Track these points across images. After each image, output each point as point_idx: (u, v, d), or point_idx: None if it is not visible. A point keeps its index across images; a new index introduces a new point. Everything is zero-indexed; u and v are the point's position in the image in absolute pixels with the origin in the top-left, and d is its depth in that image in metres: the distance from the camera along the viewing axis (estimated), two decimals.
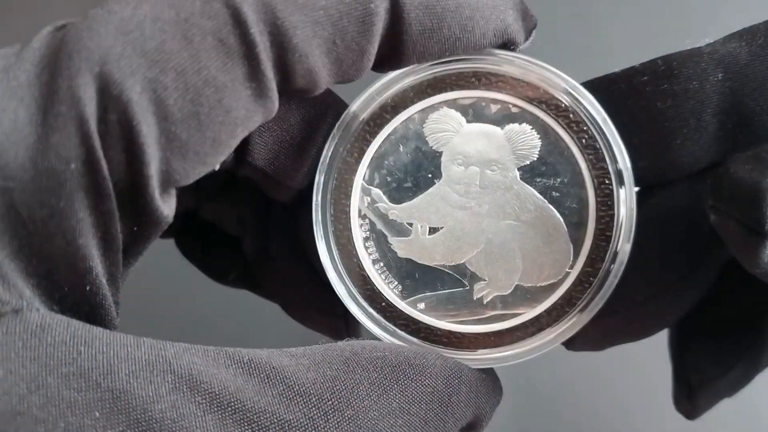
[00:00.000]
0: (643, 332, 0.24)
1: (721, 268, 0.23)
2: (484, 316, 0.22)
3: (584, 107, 0.21)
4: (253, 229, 0.26)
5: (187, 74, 0.18)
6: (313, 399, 0.18)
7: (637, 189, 0.22)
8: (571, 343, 0.24)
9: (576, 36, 0.39)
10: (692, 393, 0.25)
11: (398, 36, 0.20)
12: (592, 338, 0.24)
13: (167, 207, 0.20)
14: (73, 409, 0.16)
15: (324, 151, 0.22)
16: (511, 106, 0.22)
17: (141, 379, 0.17)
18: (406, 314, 0.23)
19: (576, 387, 0.38)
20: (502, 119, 0.22)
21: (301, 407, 0.18)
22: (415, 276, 0.23)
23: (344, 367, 0.19)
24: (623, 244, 0.22)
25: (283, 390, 0.18)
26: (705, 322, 0.24)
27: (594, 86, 0.22)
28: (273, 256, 0.26)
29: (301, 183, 0.23)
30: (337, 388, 0.19)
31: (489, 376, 0.22)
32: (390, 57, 0.21)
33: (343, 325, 0.27)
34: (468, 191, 0.22)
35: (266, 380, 0.18)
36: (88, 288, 0.18)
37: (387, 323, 0.23)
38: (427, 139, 0.22)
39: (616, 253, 0.22)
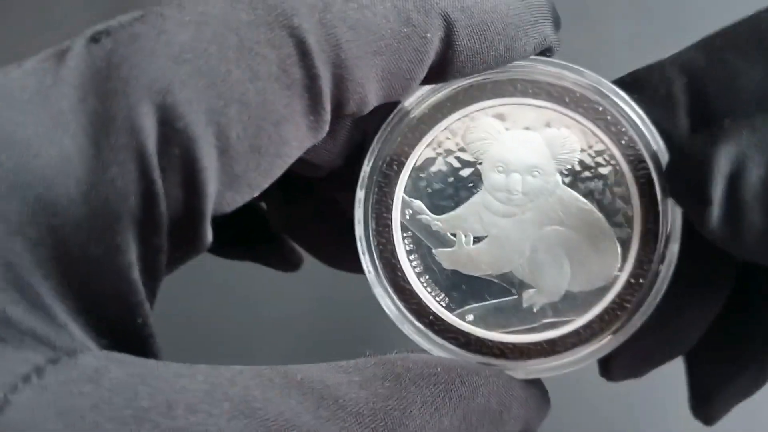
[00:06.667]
0: (682, 347, 0.24)
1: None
2: (535, 325, 0.22)
3: (621, 108, 0.22)
4: (276, 199, 0.26)
5: (251, 107, 0.18)
6: (367, 420, 0.18)
7: None
8: (608, 372, 0.24)
9: (574, 39, 0.40)
10: (708, 398, 0.24)
11: (448, 61, 0.20)
12: (630, 362, 0.23)
13: (210, 233, 0.19)
14: None
15: (363, 166, 0.22)
16: (548, 111, 0.22)
17: (200, 413, 0.16)
18: (455, 327, 0.22)
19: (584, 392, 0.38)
20: (540, 125, 0.22)
21: (355, 428, 0.18)
22: (461, 287, 0.22)
23: (396, 385, 0.19)
24: (671, 243, 0.21)
25: (337, 410, 0.18)
26: (716, 325, 0.24)
27: None
28: (296, 226, 0.27)
29: (330, 164, 0.22)
30: (390, 407, 0.18)
31: (538, 389, 0.22)
32: (433, 78, 0.21)
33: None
34: (510, 198, 0.22)
35: (320, 400, 0.18)
36: (139, 321, 0.18)
37: (436, 337, 0.22)
38: (466, 148, 0.22)
39: (664, 253, 0.21)
